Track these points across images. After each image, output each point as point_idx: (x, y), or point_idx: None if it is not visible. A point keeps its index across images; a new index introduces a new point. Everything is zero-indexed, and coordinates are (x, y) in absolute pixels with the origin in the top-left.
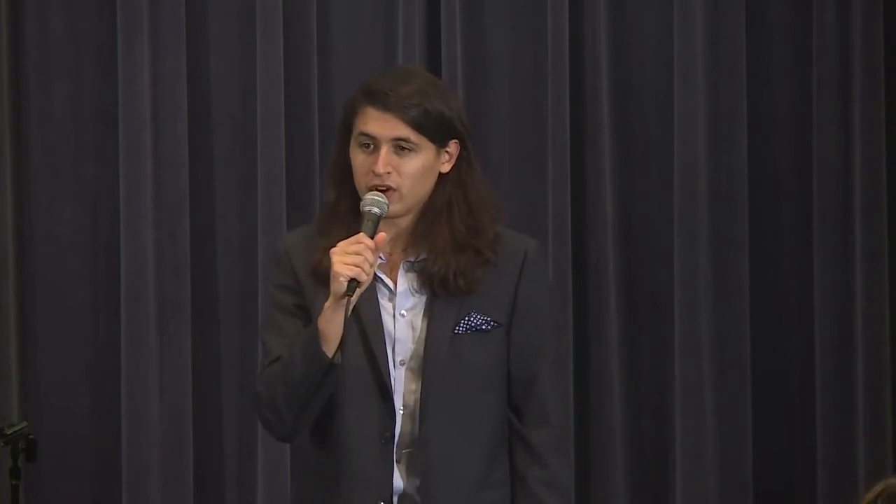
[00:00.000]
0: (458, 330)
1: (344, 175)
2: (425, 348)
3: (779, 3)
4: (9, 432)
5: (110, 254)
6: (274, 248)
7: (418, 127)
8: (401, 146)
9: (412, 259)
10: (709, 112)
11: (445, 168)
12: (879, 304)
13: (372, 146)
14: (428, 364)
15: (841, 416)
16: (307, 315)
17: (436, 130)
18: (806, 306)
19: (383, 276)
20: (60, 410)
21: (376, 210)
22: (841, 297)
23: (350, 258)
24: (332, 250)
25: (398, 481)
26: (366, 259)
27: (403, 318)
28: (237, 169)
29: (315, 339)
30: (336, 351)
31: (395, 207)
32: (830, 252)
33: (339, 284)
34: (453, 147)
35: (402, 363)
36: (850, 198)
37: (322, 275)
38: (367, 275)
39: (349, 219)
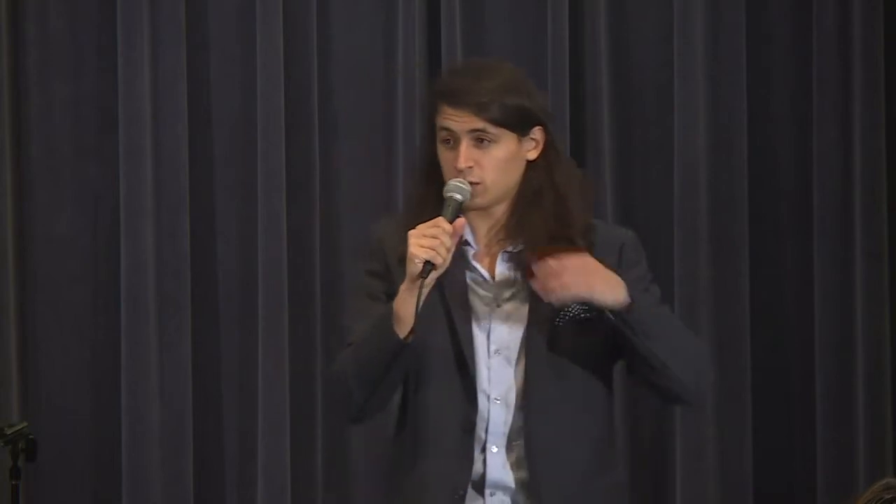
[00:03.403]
0: (559, 321)
1: (432, 169)
2: (526, 339)
3: (779, 3)
4: (9, 432)
5: (110, 254)
6: (368, 234)
7: (493, 119)
8: (479, 138)
9: (510, 249)
10: (709, 112)
11: (532, 155)
12: (879, 304)
13: (452, 141)
14: (530, 355)
15: (841, 416)
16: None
17: (513, 119)
18: (806, 306)
19: (478, 266)
20: (60, 410)
21: (458, 196)
22: (841, 297)
23: (427, 241)
24: (410, 232)
25: (501, 474)
26: (442, 243)
27: (501, 308)
28: (237, 169)
29: (388, 319)
30: (409, 333)
31: (480, 200)
32: (830, 252)
33: (415, 266)
34: (539, 134)
35: (497, 352)
36: (850, 198)
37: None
38: (443, 258)
39: (438, 212)
